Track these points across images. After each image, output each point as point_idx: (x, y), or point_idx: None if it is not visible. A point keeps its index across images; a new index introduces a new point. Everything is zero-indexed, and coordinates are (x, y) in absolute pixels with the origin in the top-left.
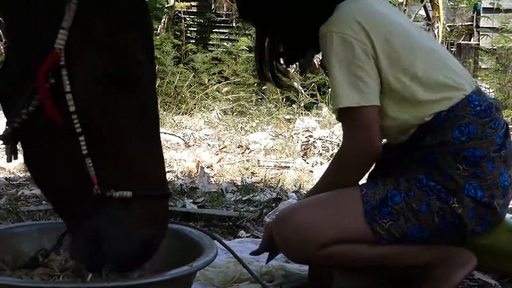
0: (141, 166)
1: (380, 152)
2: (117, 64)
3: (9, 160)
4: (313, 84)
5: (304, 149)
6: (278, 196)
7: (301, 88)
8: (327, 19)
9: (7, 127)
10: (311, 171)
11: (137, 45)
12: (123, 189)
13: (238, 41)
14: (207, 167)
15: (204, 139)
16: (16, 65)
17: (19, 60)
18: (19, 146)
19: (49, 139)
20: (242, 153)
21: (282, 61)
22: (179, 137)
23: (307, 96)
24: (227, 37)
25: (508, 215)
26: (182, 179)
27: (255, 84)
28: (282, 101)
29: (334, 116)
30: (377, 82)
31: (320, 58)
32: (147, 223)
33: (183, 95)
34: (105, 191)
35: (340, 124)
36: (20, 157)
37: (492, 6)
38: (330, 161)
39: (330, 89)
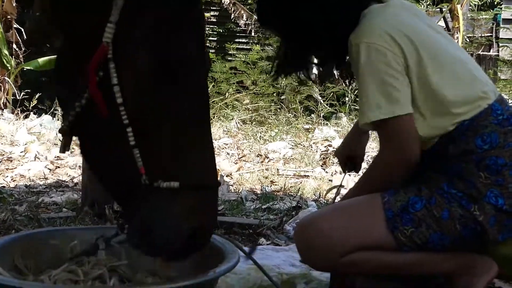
0: (189, 157)
1: (418, 158)
2: (165, 56)
3: (62, 151)
4: (332, 94)
5: (323, 158)
6: (298, 204)
7: (320, 98)
8: (352, 27)
9: (63, 120)
10: (330, 180)
11: (187, 38)
12: (171, 180)
13: (257, 51)
14: (226, 176)
15: (223, 148)
16: (69, 62)
17: (71, 57)
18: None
19: (100, 130)
20: (261, 162)
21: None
22: None
23: (326, 106)
24: (246, 47)
25: None
26: None
27: (274, 94)
28: (301, 110)
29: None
30: (409, 91)
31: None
32: (196, 213)
33: None
34: (152, 182)
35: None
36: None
37: (511, 17)
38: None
39: (359, 99)
